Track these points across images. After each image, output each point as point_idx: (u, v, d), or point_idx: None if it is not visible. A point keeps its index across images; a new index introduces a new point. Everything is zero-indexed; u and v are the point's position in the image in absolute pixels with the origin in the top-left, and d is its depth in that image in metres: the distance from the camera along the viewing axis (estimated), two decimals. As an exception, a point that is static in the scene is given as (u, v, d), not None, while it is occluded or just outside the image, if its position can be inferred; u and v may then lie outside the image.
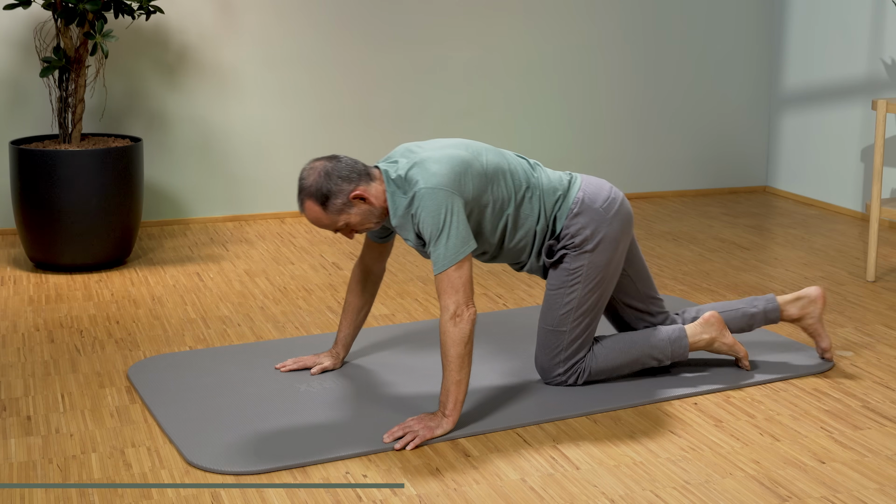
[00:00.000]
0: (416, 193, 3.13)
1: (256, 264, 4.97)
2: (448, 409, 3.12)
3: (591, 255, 3.36)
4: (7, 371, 3.65)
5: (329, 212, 3.15)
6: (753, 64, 6.49)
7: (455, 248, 3.09)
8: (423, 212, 3.11)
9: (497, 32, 6.04)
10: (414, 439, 3.06)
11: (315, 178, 3.13)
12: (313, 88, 5.81)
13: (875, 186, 4.68)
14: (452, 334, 3.07)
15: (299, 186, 3.17)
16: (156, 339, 3.98)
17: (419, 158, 3.20)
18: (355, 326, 3.60)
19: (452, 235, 3.09)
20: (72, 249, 4.74)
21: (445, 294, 3.08)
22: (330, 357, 3.62)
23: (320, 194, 3.13)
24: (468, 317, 3.07)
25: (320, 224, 3.19)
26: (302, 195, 3.16)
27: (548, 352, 3.45)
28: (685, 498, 2.79)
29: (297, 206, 3.24)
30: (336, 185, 3.13)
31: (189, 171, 5.70)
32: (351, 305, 3.57)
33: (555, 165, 6.24)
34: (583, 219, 3.36)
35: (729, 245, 5.35)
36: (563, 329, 3.41)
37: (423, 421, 3.12)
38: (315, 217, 3.17)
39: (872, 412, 3.33)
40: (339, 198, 3.14)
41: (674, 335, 3.52)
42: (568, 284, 3.37)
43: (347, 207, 3.16)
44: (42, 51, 5.11)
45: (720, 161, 6.55)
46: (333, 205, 3.14)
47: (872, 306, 4.38)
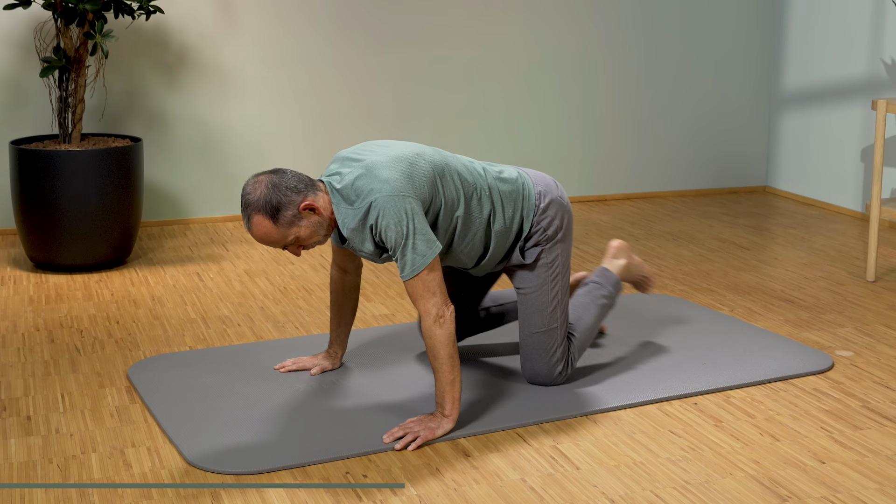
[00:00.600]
0: (372, 203, 3.03)
1: (256, 264, 4.97)
2: (447, 409, 3.11)
3: (562, 244, 3.40)
4: (7, 371, 3.65)
5: (280, 225, 3.03)
6: (753, 64, 6.49)
7: (423, 252, 3.05)
8: (384, 220, 3.03)
9: (497, 32, 6.04)
10: (415, 440, 3.06)
11: (263, 191, 3.01)
12: (313, 88, 5.81)
13: (875, 186, 4.68)
14: (440, 336, 3.06)
15: (244, 202, 3.03)
16: (156, 339, 3.98)
17: (364, 166, 3.09)
18: (346, 323, 3.55)
19: (419, 240, 3.05)
20: (72, 249, 4.74)
21: (423, 299, 3.06)
22: (328, 358, 3.60)
23: (270, 207, 3.01)
24: (449, 316, 3.07)
25: (269, 240, 3.05)
26: (249, 210, 3.02)
27: (544, 355, 3.43)
28: (685, 498, 2.79)
29: (244, 221, 3.08)
30: (286, 197, 3.02)
31: (189, 171, 5.70)
32: (337, 304, 3.52)
33: (555, 165, 6.24)
34: (551, 211, 3.37)
35: (729, 245, 5.35)
36: (556, 325, 3.41)
37: (423, 422, 3.11)
38: (264, 232, 3.03)
39: (872, 412, 3.34)
40: (289, 209, 3.02)
41: (601, 275, 3.70)
42: (550, 280, 3.38)
43: (297, 220, 3.04)
44: (42, 51, 5.11)
45: (720, 161, 6.56)
46: (284, 217, 3.02)
47: (872, 306, 4.38)
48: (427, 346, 3.08)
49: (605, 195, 6.37)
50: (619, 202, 6.31)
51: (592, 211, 6.08)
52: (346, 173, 3.11)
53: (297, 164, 5.84)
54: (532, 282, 3.38)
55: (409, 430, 3.09)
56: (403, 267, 3.06)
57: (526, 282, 3.39)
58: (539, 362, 3.43)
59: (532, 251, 3.37)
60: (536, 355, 3.43)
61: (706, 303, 4.42)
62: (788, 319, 4.21)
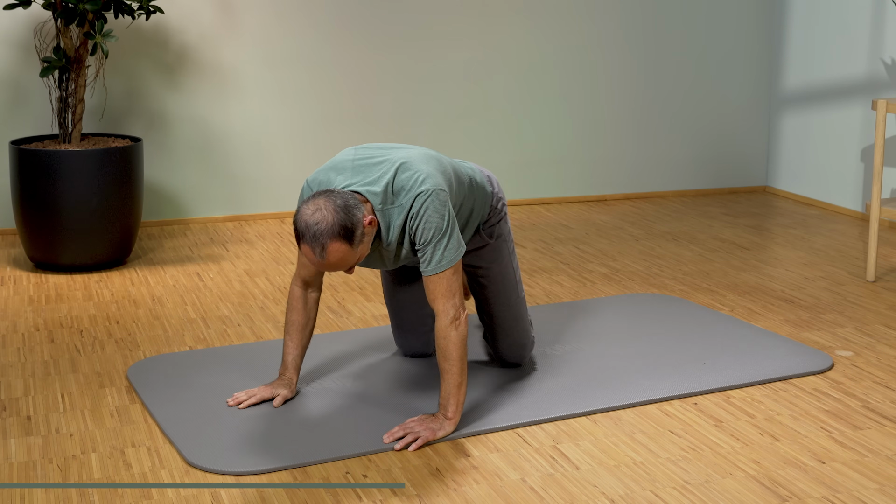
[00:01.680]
0: (418, 195, 3.00)
1: (256, 264, 4.97)
2: (450, 412, 3.11)
3: (506, 218, 3.51)
4: (7, 371, 3.65)
5: (354, 247, 2.89)
6: (753, 64, 6.49)
7: (453, 251, 3.06)
8: (427, 213, 3.00)
9: (497, 32, 6.04)
10: (416, 440, 3.06)
11: (333, 217, 2.85)
12: (313, 88, 5.81)
13: (875, 186, 4.68)
14: (454, 338, 3.06)
15: (314, 232, 2.84)
16: (156, 339, 3.98)
17: (398, 163, 3.04)
18: (303, 347, 3.35)
19: (453, 238, 3.05)
20: (72, 249, 4.74)
21: (444, 298, 3.06)
22: (286, 385, 3.35)
23: (346, 231, 2.86)
24: (464, 319, 3.08)
25: (343, 264, 2.90)
26: (322, 239, 2.84)
27: (523, 324, 3.55)
28: (685, 498, 2.79)
29: (314, 252, 2.86)
30: (354, 216, 2.88)
31: (189, 171, 5.70)
32: (296, 324, 3.31)
33: (555, 165, 6.25)
34: (500, 193, 3.48)
35: (729, 245, 5.35)
36: (523, 295, 3.56)
37: (424, 423, 3.11)
38: (341, 258, 2.88)
39: (872, 412, 3.34)
40: (359, 229, 2.89)
41: None
42: (510, 250, 3.50)
43: (363, 237, 2.92)
44: (42, 51, 5.11)
45: (720, 161, 6.56)
46: (357, 238, 2.89)
47: (872, 306, 4.38)
48: (439, 346, 3.07)
49: (605, 195, 6.37)
50: (619, 202, 6.31)
51: (592, 211, 6.07)
52: (378, 175, 3.03)
53: (297, 164, 5.84)
54: (496, 255, 3.47)
55: (410, 431, 3.09)
56: (430, 261, 3.04)
57: (492, 259, 3.46)
58: (520, 333, 3.54)
59: (490, 230, 3.45)
60: (516, 327, 3.53)
61: (706, 303, 4.42)
62: (788, 319, 4.21)
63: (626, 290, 4.59)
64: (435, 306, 3.07)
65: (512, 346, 3.58)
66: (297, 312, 3.32)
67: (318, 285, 3.32)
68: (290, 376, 3.36)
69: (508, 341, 3.56)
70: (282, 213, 5.87)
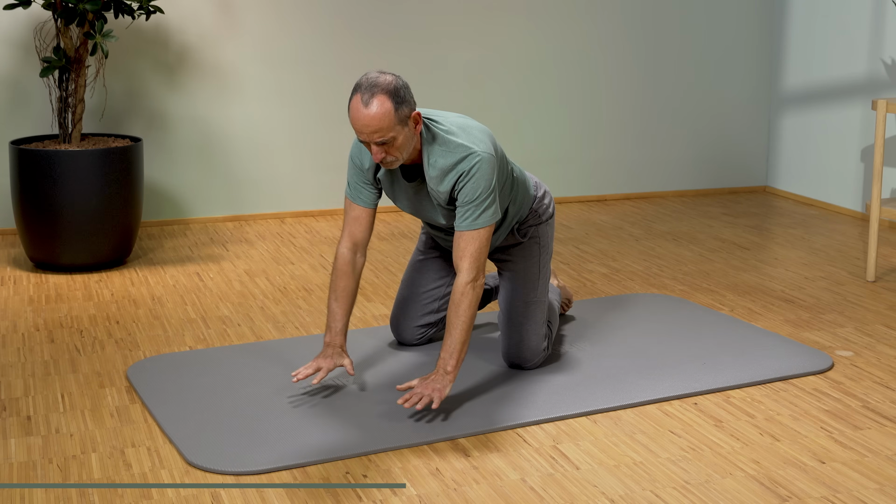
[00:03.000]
0: (470, 154, 3.18)
1: (256, 264, 4.97)
2: (450, 367, 3.21)
3: (551, 228, 3.63)
4: (7, 371, 3.65)
5: (398, 114, 3.07)
6: (753, 64, 6.49)
7: (491, 215, 3.23)
8: (478, 174, 3.18)
9: (497, 32, 6.04)
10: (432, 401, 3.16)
11: (392, 80, 3.09)
12: (313, 88, 5.81)
13: (875, 186, 4.68)
14: (470, 298, 3.20)
15: (371, 82, 3.07)
16: (156, 339, 3.98)
17: (456, 125, 3.24)
18: (349, 313, 3.41)
19: (493, 203, 3.23)
20: (72, 249, 4.74)
21: (470, 258, 3.21)
22: (341, 355, 3.39)
23: (397, 94, 3.08)
24: (481, 283, 3.24)
25: (382, 124, 3.06)
26: (375, 90, 3.06)
27: (535, 326, 3.58)
28: (685, 498, 2.79)
29: (361, 100, 3.06)
30: (409, 95, 3.12)
31: (189, 171, 5.70)
32: (345, 290, 3.38)
33: (555, 165, 6.25)
34: (546, 200, 3.61)
35: (729, 245, 5.35)
36: (544, 299, 3.62)
37: (429, 384, 3.20)
38: (382, 113, 3.05)
39: (872, 412, 3.34)
40: (407, 106, 3.10)
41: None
42: (539, 253, 3.58)
43: (406, 121, 3.11)
44: (42, 51, 5.11)
45: (720, 161, 6.56)
46: (402, 111, 3.09)
47: (872, 306, 4.38)
48: (454, 301, 3.19)
49: (605, 195, 6.38)
50: (619, 202, 6.31)
51: (592, 211, 6.08)
52: (440, 121, 3.24)
53: (297, 164, 5.84)
54: (524, 252, 3.57)
55: (422, 394, 3.17)
56: (468, 217, 3.20)
57: (518, 254, 3.57)
58: (529, 334, 3.57)
59: (527, 230, 3.57)
60: (527, 325, 3.57)
61: (706, 303, 4.42)
62: (788, 319, 4.21)
63: (626, 290, 4.59)
64: (460, 263, 3.21)
65: (518, 345, 3.59)
66: (346, 278, 3.39)
67: (364, 245, 3.42)
68: (341, 343, 3.39)
69: (516, 338, 3.58)
70: (282, 213, 5.87)
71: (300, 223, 5.77)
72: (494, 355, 3.76)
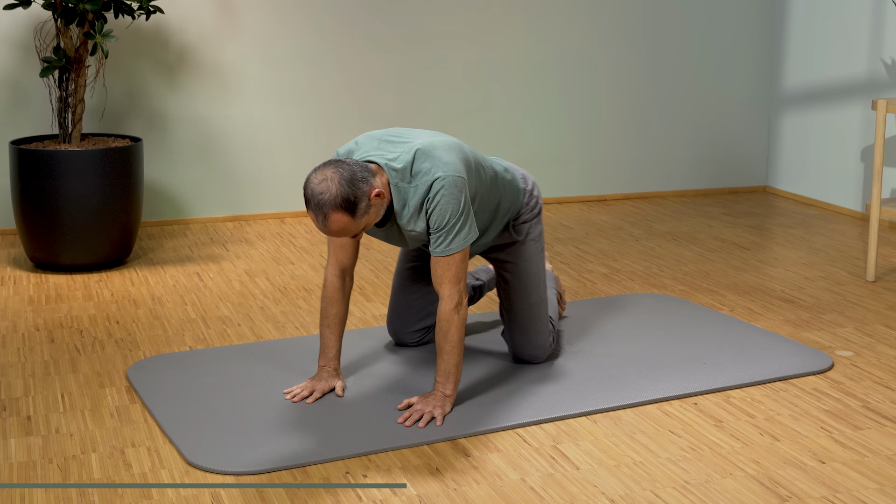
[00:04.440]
0: (436, 180, 3.11)
1: (256, 264, 4.97)
2: (450, 391, 3.24)
3: (541, 222, 3.61)
4: (7, 371, 3.65)
5: (357, 218, 3.01)
6: (753, 64, 6.49)
7: (465, 237, 3.18)
8: (444, 198, 3.12)
9: (497, 32, 6.04)
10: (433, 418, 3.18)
11: (337, 189, 2.97)
12: (313, 88, 5.81)
13: (875, 186, 4.68)
14: (457, 322, 3.19)
15: (318, 202, 2.97)
16: (156, 339, 3.98)
17: (420, 148, 3.15)
18: (341, 337, 3.44)
19: (467, 225, 3.18)
20: (72, 249, 4.74)
21: (450, 283, 3.18)
22: (336, 377, 3.44)
23: (347, 203, 2.98)
24: (465, 303, 3.22)
25: (346, 234, 3.04)
26: (325, 209, 2.97)
27: (541, 325, 3.60)
28: (685, 498, 2.79)
29: (317, 221, 3.01)
30: (359, 190, 3.00)
31: (189, 171, 5.70)
32: (337, 317, 3.40)
33: (555, 165, 6.25)
34: (535, 192, 3.59)
35: (729, 245, 5.35)
36: (546, 297, 3.63)
37: (429, 403, 3.22)
38: (342, 227, 3.01)
39: (872, 412, 3.34)
40: (363, 202, 3.01)
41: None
42: (538, 252, 3.59)
43: (369, 209, 3.04)
44: (42, 51, 5.11)
45: (720, 161, 6.56)
46: (360, 210, 3.01)
47: (872, 306, 4.38)
48: (441, 328, 3.19)
49: (605, 195, 6.37)
50: (619, 202, 6.31)
51: (592, 211, 6.08)
52: (400, 153, 3.16)
53: (297, 164, 5.84)
54: (524, 255, 3.57)
55: (422, 412, 3.19)
56: (441, 243, 3.16)
57: (519, 256, 3.57)
58: (537, 334, 3.60)
59: (522, 227, 3.56)
60: (535, 326, 3.59)
61: (706, 303, 4.42)
62: (788, 319, 4.21)
63: (626, 290, 4.59)
64: (441, 290, 3.19)
65: (527, 345, 3.63)
66: (337, 305, 3.40)
67: (352, 269, 3.40)
68: (336, 367, 3.45)
69: (524, 339, 3.62)
70: (282, 213, 5.87)
71: (300, 223, 5.77)
72: (495, 354, 3.76)
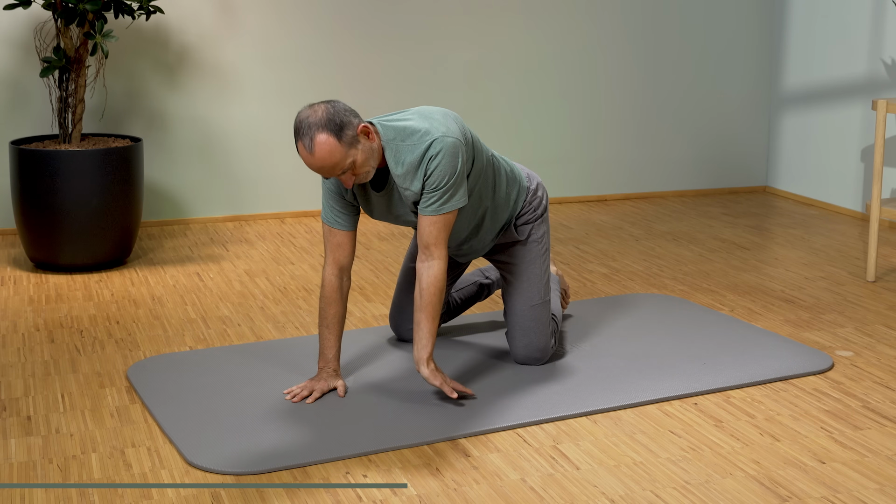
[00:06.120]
0: (434, 141, 3.15)
1: (256, 264, 4.97)
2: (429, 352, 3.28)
3: (546, 223, 3.62)
4: (7, 371, 3.65)
5: (343, 143, 3.04)
6: (753, 64, 6.49)
7: (458, 199, 3.22)
8: (445, 160, 3.15)
9: (497, 32, 6.04)
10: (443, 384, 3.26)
11: (323, 112, 3.03)
12: (313, 88, 5.81)
13: (875, 186, 4.68)
14: (442, 286, 3.23)
15: (304, 125, 3.03)
16: (156, 339, 3.98)
17: (417, 114, 3.21)
18: (341, 337, 3.44)
19: (460, 187, 3.21)
20: (72, 249, 4.74)
21: (439, 244, 3.22)
22: (336, 377, 3.43)
23: (333, 125, 3.02)
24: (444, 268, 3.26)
25: (332, 160, 3.05)
26: (311, 130, 3.02)
27: (542, 328, 3.60)
28: (685, 498, 2.79)
29: (304, 148, 3.04)
30: (346, 117, 3.06)
31: (189, 171, 5.70)
32: (336, 317, 3.39)
33: (555, 165, 6.25)
34: (539, 192, 3.60)
35: (729, 245, 5.35)
36: (548, 298, 3.63)
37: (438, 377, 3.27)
38: (328, 151, 3.03)
39: (872, 412, 3.34)
40: (349, 129, 3.05)
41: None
42: (541, 254, 3.59)
43: (356, 142, 3.07)
44: (42, 51, 5.11)
45: (720, 161, 6.56)
46: (346, 136, 3.04)
47: (872, 306, 4.38)
48: (430, 290, 3.22)
49: (605, 195, 6.38)
50: (619, 202, 6.31)
51: (592, 211, 6.08)
52: (397, 118, 3.21)
53: (298, 164, 5.84)
54: (527, 256, 3.57)
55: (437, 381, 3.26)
56: (434, 202, 3.19)
57: (521, 257, 3.58)
58: (538, 336, 3.59)
59: (524, 228, 3.56)
60: (536, 328, 3.59)
61: (706, 303, 4.42)
62: (788, 319, 4.21)
63: (626, 290, 4.59)
64: (433, 251, 3.24)
65: (528, 347, 3.62)
66: (335, 305, 3.39)
67: (349, 268, 3.41)
68: (335, 367, 3.44)
69: (525, 341, 3.62)
70: (282, 213, 5.87)
71: (300, 223, 5.77)
72: (495, 354, 3.76)
